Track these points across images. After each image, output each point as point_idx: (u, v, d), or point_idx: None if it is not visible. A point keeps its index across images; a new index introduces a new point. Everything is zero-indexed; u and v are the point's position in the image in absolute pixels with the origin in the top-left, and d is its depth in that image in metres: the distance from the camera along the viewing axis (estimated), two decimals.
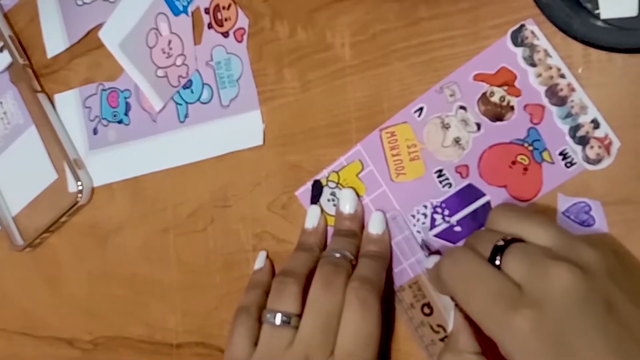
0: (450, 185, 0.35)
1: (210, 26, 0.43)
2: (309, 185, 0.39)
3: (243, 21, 0.41)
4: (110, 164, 0.49)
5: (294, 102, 0.40)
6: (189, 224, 0.45)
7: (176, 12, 0.44)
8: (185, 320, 0.46)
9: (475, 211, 0.34)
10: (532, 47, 0.32)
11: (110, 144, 0.49)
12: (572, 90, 0.32)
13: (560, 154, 0.32)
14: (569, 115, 0.32)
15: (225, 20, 0.42)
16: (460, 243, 0.34)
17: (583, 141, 0.32)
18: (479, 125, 0.34)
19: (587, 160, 0.31)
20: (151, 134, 0.46)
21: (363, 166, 0.37)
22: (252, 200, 0.42)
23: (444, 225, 0.35)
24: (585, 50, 0.31)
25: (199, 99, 0.44)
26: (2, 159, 0.56)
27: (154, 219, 0.47)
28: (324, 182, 0.39)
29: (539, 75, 0.32)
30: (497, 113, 0.33)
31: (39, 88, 0.52)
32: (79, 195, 0.49)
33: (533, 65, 0.33)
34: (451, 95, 0.35)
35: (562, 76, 0.32)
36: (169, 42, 0.44)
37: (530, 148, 0.33)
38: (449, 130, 0.35)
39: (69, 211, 0.50)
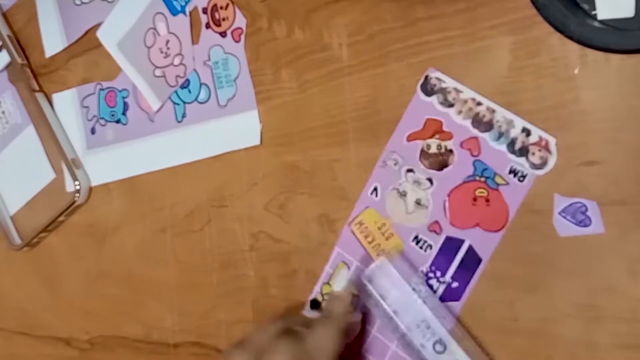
0: (430, 246, 0.35)
1: (208, 26, 0.43)
2: (308, 307, 0.39)
3: (241, 21, 0.41)
4: (108, 164, 0.49)
5: (291, 102, 0.40)
6: (186, 223, 0.45)
7: (174, 12, 0.44)
8: (182, 320, 0.46)
9: (462, 261, 0.35)
10: (443, 91, 0.34)
11: (108, 143, 0.49)
12: (493, 111, 0.33)
13: (510, 172, 0.33)
14: (500, 135, 0.33)
15: (223, 20, 0.42)
16: (464, 296, 0.34)
17: (523, 152, 0.32)
18: (430, 180, 0.35)
19: (534, 166, 0.32)
20: (149, 133, 0.46)
21: (348, 266, 0.38)
22: (248, 200, 0.42)
23: (442, 287, 0.35)
24: (582, 51, 0.31)
25: (196, 99, 0.44)
26: (0, 158, 0.56)
27: (151, 218, 0.47)
28: (319, 298, 0.39)
29: (460, 112, 0.34)
30: (441, 161, 0.35)
31: (37, 87, 0.52)
32: (77, 194, 0.49)
33: (451, 105, 0.34)
34: (395, 164, 0.36)
35: (479, 103, 0.33)
36: (167, 41, 0.44)
37: (483, 179, 0.34)
38: (407, 196, 0.36)
39: (67, 211, 0.50)
